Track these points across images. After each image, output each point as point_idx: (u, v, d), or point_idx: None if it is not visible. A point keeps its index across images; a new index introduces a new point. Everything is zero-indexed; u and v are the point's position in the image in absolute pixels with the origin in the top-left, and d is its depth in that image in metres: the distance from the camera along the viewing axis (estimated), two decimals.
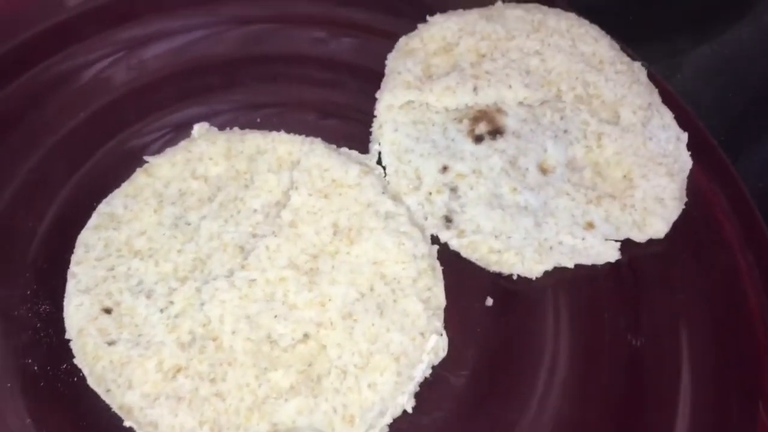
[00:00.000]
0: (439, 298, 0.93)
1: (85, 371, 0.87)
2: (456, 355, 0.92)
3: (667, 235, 1.01)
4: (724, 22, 1.36)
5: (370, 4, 1.18)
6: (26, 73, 1.07)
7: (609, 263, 0.99)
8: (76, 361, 0.87)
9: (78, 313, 0.89)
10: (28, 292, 0.92)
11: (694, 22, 1.36)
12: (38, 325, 0.90)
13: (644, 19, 1.31)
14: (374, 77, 1.09)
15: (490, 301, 0.96)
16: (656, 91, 1.11)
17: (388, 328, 0.89)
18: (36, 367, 0.88)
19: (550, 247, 0.98)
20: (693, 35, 1.34)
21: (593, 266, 0.99)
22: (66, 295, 0.91)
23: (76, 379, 0.87)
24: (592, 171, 1.04)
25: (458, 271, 0.97)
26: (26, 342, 0.89)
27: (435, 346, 0.90)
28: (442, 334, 0.91)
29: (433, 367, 0.91)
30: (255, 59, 1.13)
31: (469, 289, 0.97)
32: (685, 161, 1.06)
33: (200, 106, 1.07)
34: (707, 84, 1.28)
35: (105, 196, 0.96)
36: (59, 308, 0.90)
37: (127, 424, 0.84)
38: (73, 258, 0.93)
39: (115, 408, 0.85)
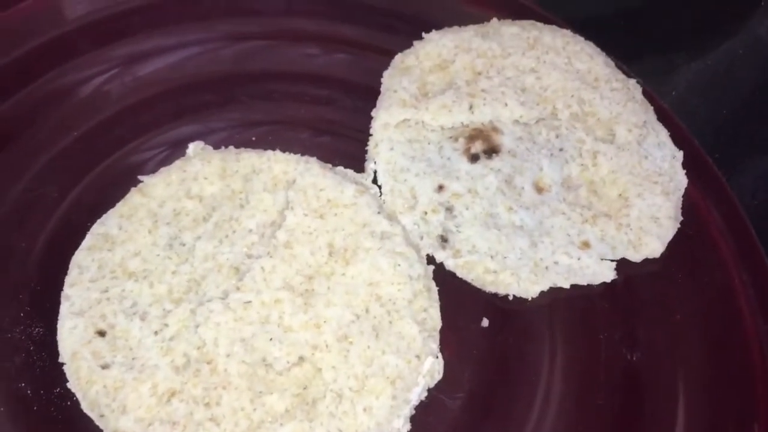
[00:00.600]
0: (435, 320, 0.91)
1: (79, 396, 0.85)
2: (452, 377, 0.90)
3: (663, 255, 0.99)
4: (718, 37, 1.35)
5: (365, 21, 1.16)
6: (21, 90, 1.05)
7: (604, 284, 0.97)
8: (69, 385, 0.85)
9: (71, 336, 0.87)
10: (21, 314, 0.90)
11: (689, 37, 1.34)
12: (31, 347, 0.88)
13: (639, 35, 1.29)
14: (369, 94, 1.07)
15: (485, 322, 0.95)
16: (651, 108, 1.09)
17: (384, 351, 0.87)
18: (29, 391, 0.86)
19: (546, 267, 0.97)
20: (687, 51, 1.33)
21: (588, 286, 0.97)
22: (59, 317, 0.88)
23: (69, 403, 0.85)
24: (587, 190, 1.03)
25: (454, 292, 0.95)
26: (19, 365, 0.87)
27: (431, 369, 0.88)
28: (438, 356, 0.89)
29: (429, 390, 0.89)
30: (250, 76, 1.11)
31: (465, 310, 0.95)
32: (681, 180, 1.04)
33: (195, 124, 1.05)
34: (702, 99, 1.27)
35: (99, 215, 0.94)
36: (53, 331, 0.88)
37: None
38: (67, 280, 0.91)
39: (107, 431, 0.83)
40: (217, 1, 1.16)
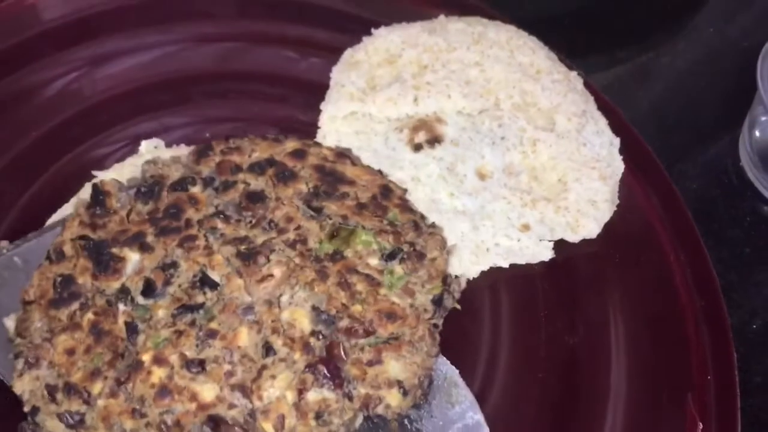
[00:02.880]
0: None
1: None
2: None
3: (601, 237, 0.98)
4: (663, 34, 1.32)
5: (315, 21, 1.14)
6: None
7: (544, 264, 0.96)
8: None
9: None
10: None
11: (634, 35, 1.32)
12: None
13: (585, 33, 1.27)
14: (320, 90, 1.05)
15: None
16: (592, 98, 1.07)
17: None
18: None
19: (487, 249, 0.95)
20: (632, 47, 1.30)
21: (529, 268, 0.96)
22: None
23: None
24: (528, 175, 1.01)
25: None
26: None
27: None
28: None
29: None
30: (205, 77, 1.10)
31: None
32: (618, 165, 1.02)
33: (152, 121, 1.03)
34: (645, 91, 1.24)
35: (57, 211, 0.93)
36: None
37: None
38: None
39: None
40: (174, 5, 1.15)
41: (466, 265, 0.95)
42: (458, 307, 0.87)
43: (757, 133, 1.14)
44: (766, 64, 1.07)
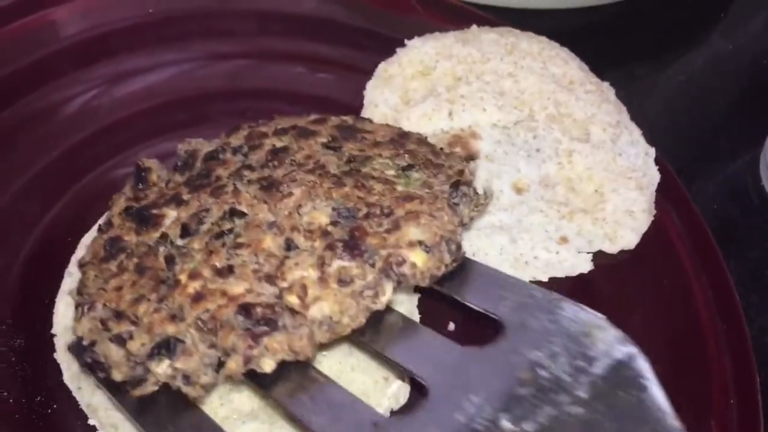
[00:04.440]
0: None
1: (63, 367, 0.79)
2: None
3: (621, 258, 0.94)
4: (679, 49, 1.28)
5: (339, 40, 1.10)
6: (3, 110, 0.99)
7: (563, 286, 0.90)
8: (56, 355, 0.80)
9: (67, 310, 0.82)
10: (3, 327, 0.83)
11: (651, 50, 1.27)
12: (13, 358, 0.81)
13: (602, 49, 1.22)
14: (346, 110, 0.97)
15: (452, 326, 0.87)
16: (624, 109, 1.02)
17: (353, 367, 0.79)
18: (11, 399, 0.78)
19: (526, 262, 0.90)
20: (650, 62, 1.25)
21: (550, 288, 0.89)
22: (60, 292, 0.84)
23: (50, 411, 0.78)
24: (564, 187, 0.95)
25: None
26: (1, 374, 0.80)
27: (396, 392, 0.78)
28: (405, 380, 0.79)
29: (391, 412, 0.79)
30: (224, 95, 1.05)
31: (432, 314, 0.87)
32: (653, 175, 0.97)
33: (172, 141, 0.96)
34: (663, 109, 1.19)
35: (79, 232, 0.89)
36: (33, 342, 0.82)
37: (91, 422, 0.77)
38: (73, 258, 0.87)
39: (83, 405, 0.77)
40: (192, 22, 1.10)
41: None
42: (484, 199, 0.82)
43: None
44: None
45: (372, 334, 0.72)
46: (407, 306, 0.84)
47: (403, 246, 0.71)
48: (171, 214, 0.79)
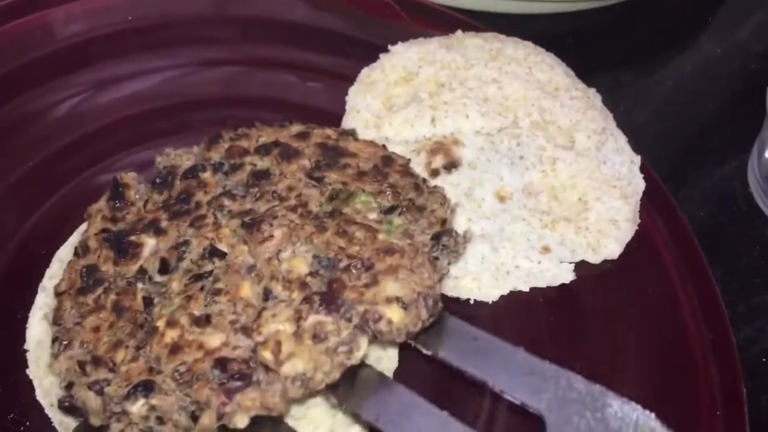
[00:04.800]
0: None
1: (35, 383, 0.78)
2: None
3: (606, 267, 0.92)
4: (666, 55, 1.26)
5: (318, 46, 1.09)
6: None
7: (549, 297, 0.90)
8: (28, 371, 0.79)
9: (40, 325, 0.81)
10: None
11: (637, 55, 1.25)
12: None
13: (588, 54, 1.21)
14: (325, 117, 0.97)
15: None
16: (611, 115, 1.01)
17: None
18: None
19: (507, 272, 0.88)
20: (637, 68, 1.24)
21: (535, 300, 0.90)
22: (33, 306, 0.82)
23: (22, 428, 0.77)
24: (548, 195, 0.94)
25: None
26: None
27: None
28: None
29: None
30: (204, 103, 1.03)
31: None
32: (638, 183, 0.96)
33: (151, 150, 0.96)
34: (649, 115, 1.17)
35: (57, 243, 0.87)
36: (8, 360, 0.80)
37: None
38: (47, 272, 0.85)
39: (56, 423, 0.77)
40: (178, 29, 1.08)
41: (486, 290, 0.89)
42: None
43: (767, 158, 1.09)
44: None
45: (345, 388, 0.71)
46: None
47: (380, 302, 0.70)
48: (149, 242, 0.79)
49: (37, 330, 0.81)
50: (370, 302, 0.70)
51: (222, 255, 0.76)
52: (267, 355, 0.68)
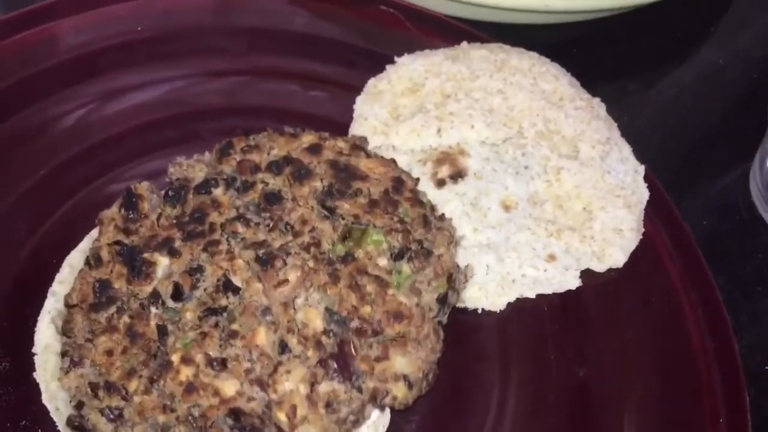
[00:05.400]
0: None
1: (42, 387, 0.78)
2: None
3: (610, 276, 0.93)
4: (669, 64, 1.26)
5: (327, 57, 1.08)
6: None
7: (554, 306, 0.91)
8: (35, 375, 0.78)
9: (49, 329, 0.80)
10: None
11: (640, 64, 1.25)
12: None
13: (591, 62, 1.20)
14: (333, 127, 0.97)
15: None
16: (615, 125, 1.01)
17: None
18: None
19: (513, 280, 0.89)
20: (639, 77, 1.24)
21: (539, 309, 0.90)
22: (42, 310, 0.82)
23: None
24: (552, 205, 0.94)
25: None
26: None
27: (375, 422, 0.78)
28: (385, 410, 0.78)
29: None
30: (211, 113, 1.03)
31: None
32: (642, 193, 0.96)
33: (160, 159, 0.96)
34: (652, 125, 1.17)
35: (67, 252, 0.86)
36: (19, 366, 0.80)
37: None
38: (57, 277, 0.84)
39: (60, 427, 0.76)
40: (184, 40, 1.08)
41: (493, 298, 0.89)
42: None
43: None
44: None
45: None
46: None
47: (389, 378, 0.75)
48: (162, 262, 0.80)
49: (45, 334, 0.81)
50: (380, 378, 0.75)
51: (236, 290, 0.77)
52: (282, 416, 0.72)
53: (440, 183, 0.94)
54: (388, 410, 0.78)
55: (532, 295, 0.90)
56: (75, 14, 1.08)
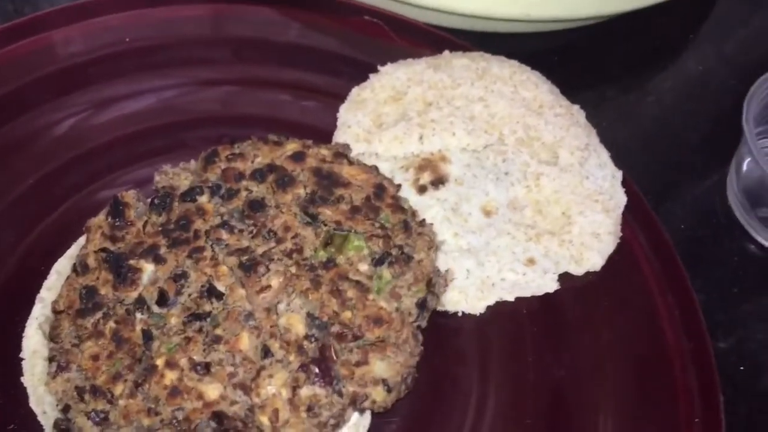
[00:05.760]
0: None
1: (29, 391, 0.79)
2: None
3: (588, 278, 0.94)
4: (649, 71, 1.27)
5: (313, 65, 1.10)
6: None
7: (532, 307, 0.92)
8: (23, 379, 0.79)
9: (36, 335, 0.82)
10: None
11: (620, 71, 1.27)
12: None
13: (572, 70, 1.22)
14: (318, 135, 0.98)
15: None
16: (594, 131, 1.03)
17: None
18: None
19: (492, 284, 0.90)
20: (618, 84, 1.26)
21: (518, 311, 0.92)
22: (30, 316, 0.83)
23: None
24: (532, 210, 0.96)
25: None
26: None
27: (356, 423, 0.79)
28: (364, 413, 0.80)
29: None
30: (199, 122, 1.04)
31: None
32: (620, 198, 0.97)
33: (147, 168, 0.97)
34: (632, 130, 1.19)
35: (55, 260, 0.87)
36: (6, 370, 0.81)
37: None
38: (45, 283, 0.85)
39: (47, 430, 0.77)
40: (173, 50, 1.09)
41: (473, 302, 0.90)
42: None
43: (744, 172, 1.11)
44: (751, 106, 1.04)
45: None
46: None
47: (369, 383, 0.76)
48: (148, 268, 0.81)
49: (33, 339, 0.82)
50: (360, 382, 0.75)
51: (220, 296, 0.79)
52: (264, 420, 0.73)
53: (422, 189, 0.95)
54: (368, 412, 0.80)
55: (511, 298, 0.91)
56: (66, 25, 1.09)
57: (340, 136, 0.99)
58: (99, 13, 1.10)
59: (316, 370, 0.75)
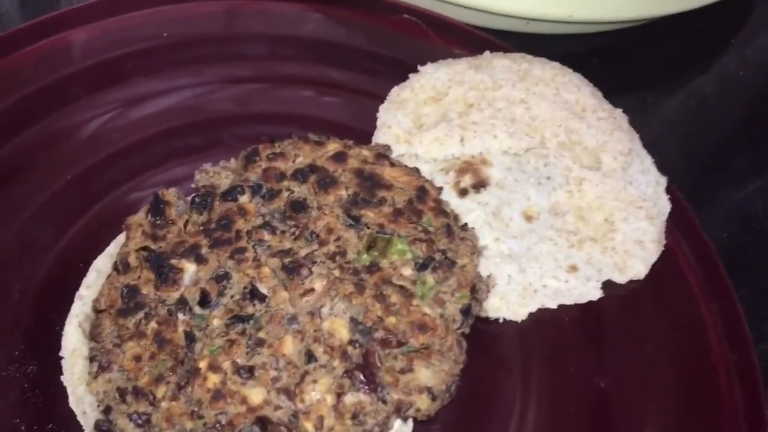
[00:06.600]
0: None
1: (69, 390, 0.78)
2: None
3: (631, 287, 0.92)
4: (689, 74, 1.25)
5: (352, 65, 1.08)
6: (17, 135, 0.97)
7: (574, 317, 0.90)
8: (62, 378, 0.79)
9: (76, 333, 0.81)
10: (16, 353, 0.81)
11: (661, 75, 1.25)
12: (25, 385, 0.80)
13: (612, 73, 1.20)
14: (358, 135, 0.96)
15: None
16: (637, 136, 1.01)
17: None
18: (23, 427, 0.78)
19: (535, 291, 0.89)
20: (659, 88, 1.23)
21: (560, 320, 0.90)
22: (69, 315, 0.82)
23: None
24: (574, 216, 0.94)
25: None
26: (14, 402, 0.79)
27: (397, 430, 0.77)
28: (407, 421, 0.78)
29: None
30: (236, 119, 1.03)
31: None
32: (664, 205, 0.95)
33: (185, 165, 0.96)
34: (673, 135, 1.17)
35: (93, 256, 0.86)
36: (46, 369, 0.80)
37: None
38: (84, 281, 0.84)
39: (87, 430, 0.76)
40: (205, 47, 1.08)
41: (514, 308, 0.89)
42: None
43: None
44: None
45: None
46: None
47: (413, 391, 0.74)
48: (189, 268, 0.80)
49: (73, 338, 0.81)
50: (405, 390, 0.74)
51: (263, 298, 0.78)
52: (309, 426, 0.72)
53: (462, 192, 0.93)
54: (410, 420, 0.78)
55: (553, 305, 0.90)
56: (98, 21, 1.08)
57: (380, 137, 0.98)
58: (131, 9, 1.09)
59: (361, 377, 0.73)
